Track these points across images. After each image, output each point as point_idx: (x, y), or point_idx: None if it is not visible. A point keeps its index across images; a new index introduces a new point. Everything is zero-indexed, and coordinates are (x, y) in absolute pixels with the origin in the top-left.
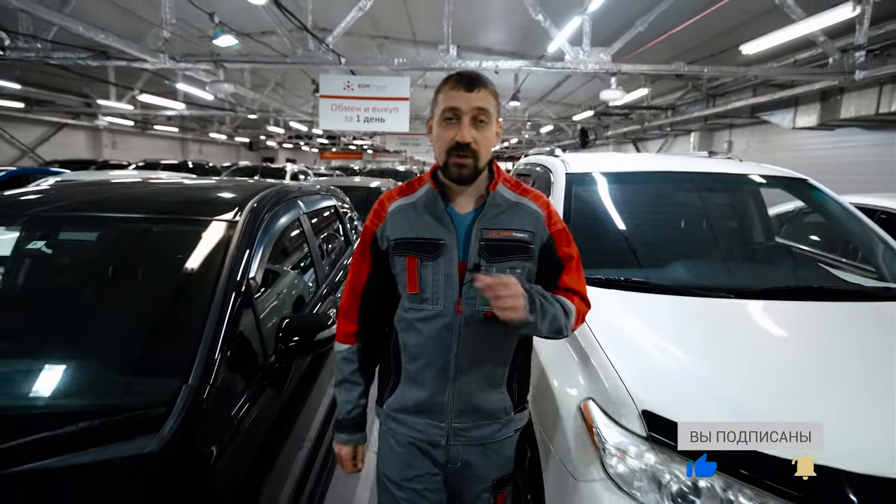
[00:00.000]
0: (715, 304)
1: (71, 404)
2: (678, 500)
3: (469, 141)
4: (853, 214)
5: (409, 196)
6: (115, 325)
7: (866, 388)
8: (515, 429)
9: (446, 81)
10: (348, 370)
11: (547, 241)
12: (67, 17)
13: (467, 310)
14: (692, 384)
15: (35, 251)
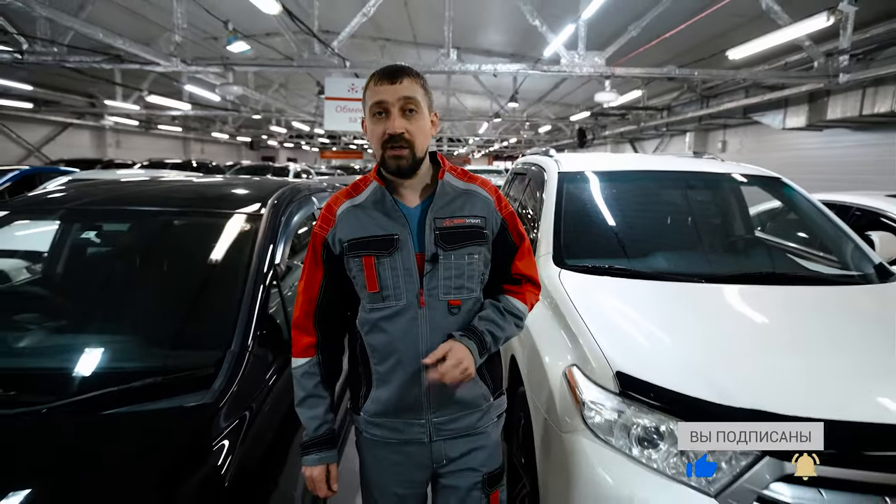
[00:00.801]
0: (687, 287)
1: (143, 366)
2: (644, 443)
3: (401, 131)
4: (820, 210)
5: (355, 197)
6: (172, 302)
7: (810, 351)
8: (497, 414)
9: (370, 78)
10: (310, 384)
11: (501, 225)
12: (87, 24)
13: (430, 300)
14: (659, 351)
15: (98, 240)
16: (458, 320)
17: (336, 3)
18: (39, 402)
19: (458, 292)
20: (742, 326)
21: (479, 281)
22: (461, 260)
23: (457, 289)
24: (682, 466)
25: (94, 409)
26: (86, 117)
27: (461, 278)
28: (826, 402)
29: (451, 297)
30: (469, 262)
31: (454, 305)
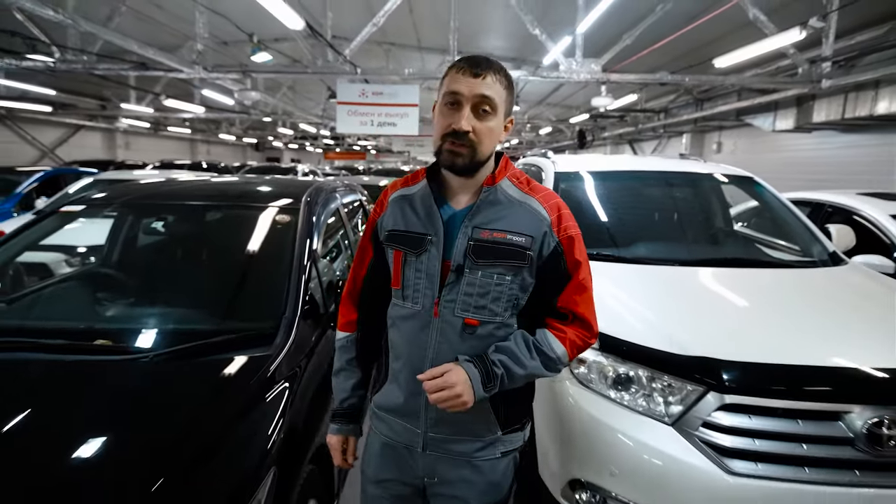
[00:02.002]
0: (663, 269)
1: (222, 328)
2: (617, 386)
3: (467, 129)
4: (786, 206)
5: (410, 187)
6: (239, 279)
7: (759, 314)
8: (503, 451)
9: (454, 65)
10: (345, 359)
11: (554, 248)
12: (123, 36)
13: (445, 313)
14: (633, 317)
15: (171, 230)
16: (472, 342)
17: (343, 9)
18: (148, 351)
19: (477, 312)
20: (706, 298)
21: (510, 306)
22: (489, 279)
23: (477, 308)
24: (647, 403)
25: (190, 356)
26: (98, 119)
27: (485, 298)
28: (758, 350)
29: (469, 316)
30: (498, 283)
31: (470, 325)
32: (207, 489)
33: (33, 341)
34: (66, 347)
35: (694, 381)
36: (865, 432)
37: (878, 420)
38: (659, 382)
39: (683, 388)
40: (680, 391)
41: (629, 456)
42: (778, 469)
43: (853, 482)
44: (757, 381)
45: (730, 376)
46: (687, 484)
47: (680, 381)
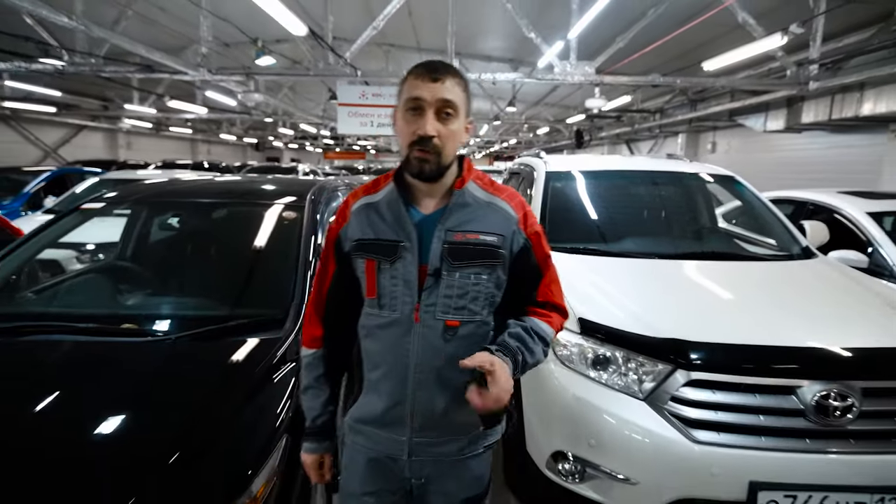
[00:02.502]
0: (644, 261)
1: (237, 313)
2: (596, 366)
3: (432, 134)
4: (763, 203)
5: (373, 195)
6: (251, 268)
7: (730, 301)
8: (486, 445)
9: (411, 71)
10: (313, 376)
11: (523, 245)
12: (131, 41)
13: (426, 317)
14: (612, 303)
15: (186, 224)
16: (454, 343)
17: (343, 11)
18: (171, 334)
19: (457, 313)
20: (681, 287)
21: (487, 304)
22: (466, 279)
23: (457, 309)
24: (622, 381)
25: (208, 338)
26: (100, 120)
27: (463, 299)
28: (722, 331)
29: (450, 318)
30: (475, 283)
31: (451, 326)
32: (228, 452)
33: (67, 325)
34: (96, 331)
35: (664, 360)
36: (814, 404)
37: (825, 393)
38: (633, 362)
39: (655, 367)
40: (652, 369)
41: (606, 428)
42: (737, 438)
43: (803, 449)
44: (719, 360)
45: (695, 355)
46: (656, 452)
47: (652, 360)
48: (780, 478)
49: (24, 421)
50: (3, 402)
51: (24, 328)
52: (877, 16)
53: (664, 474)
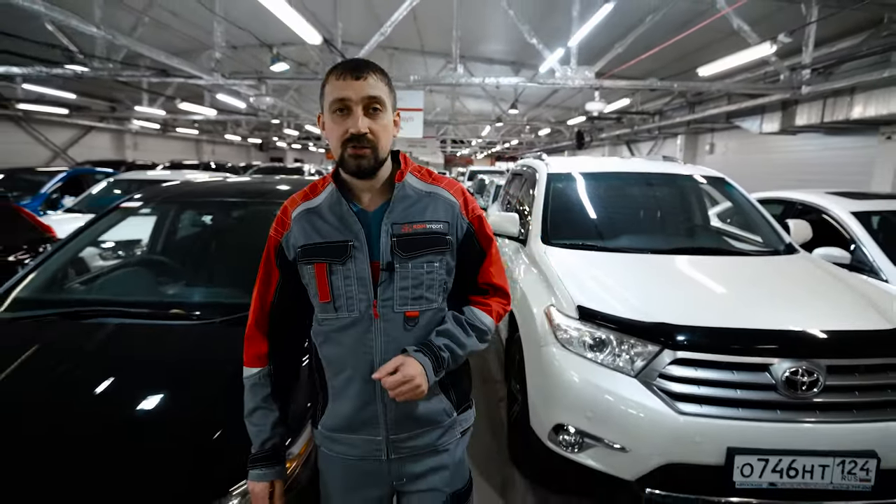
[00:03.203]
0: (636, 256)
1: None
2: (593, 349)
3: (364, 131)
4: (750, 202)
5: (312, 199)
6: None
7: (715, 290)
8: (462, 430)
9: (332, 71)
10: (260, 396)
11: (466, 230)
12: (151, 48)
13: (385, 312)
14: (607, 292)
15: (210, 221)
16: (415, 333)
17: (350, 16)
18: (214, 318)
19: (415, 303)
20: (671, 278)
21: (441, 290)
22: (419, 269)
23: (414, 300)
24: (616, 360)
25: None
26: (108, 121)
27: (419, 288)
28: (704, 316)
29: (408, 309)
30: (428, 272)
31: (411, 317)
32: None
33: (123, 310)
34: (149, 315)
35: (653, 341)
36: (784, 380)
37: (794, 370)
38: (626, 344)
39: (645, 348)
40: (642, 350)
41: (602, 402)
42: (717, 409)
43: (775, 419)
44: (701, 341)
45: (680, 337)
46: (646, 423)
47: (642, 342)
48: (754, 444)
49: (95, 390)
50: (80, 374)
51: (85, 313)
52: (868, 22)
53: (653, 442)
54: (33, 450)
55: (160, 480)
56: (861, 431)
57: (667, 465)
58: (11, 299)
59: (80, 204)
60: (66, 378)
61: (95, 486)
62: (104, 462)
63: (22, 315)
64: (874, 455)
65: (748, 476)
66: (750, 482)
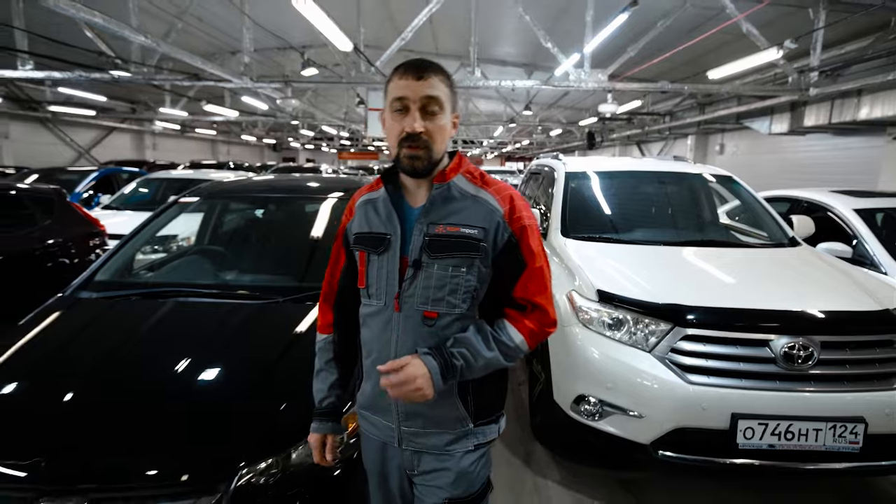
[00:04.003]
0: (649, 247)
1: (303, 285)
2: (611, 327)
3: (419, 131)
4: (757, 200)
5: (374, 192)
6: (315, 250)
7: (721, 276)
8: (476, 444)
9: (396, 70)
10: (324, 360)
11: (508, 239)
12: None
13: (406, 307)
14: (623, 278)
15: (266, 215)
16: (432, 333)
17: (368, 20)
18: (278, 297)
19: (435, 304)
20: (681, 266)
21: (468, 297)
22: (445, 271)
23: (435, 301)
24: (632, 337)
25: (303, 301)
26: (129, 122)
27: (442, 290)
28: (711, 298)
29: (428, 308)
30: (454, 275)
31: (429, 317)
32: None
33: (195, 290)
34: (221, 295)
35: (665, 320)
36: (783, 354)
37: (792, 345)
38: (641, 323)
39: (658, 326)
40: (655, 328)
41: (619, 374)
42: (722, 380)
43: (774, 388)
44: (708, 319)
45: (689, 316)
46: (659, 392)
47: (655, 321)
48: (755, 410)
49: (189, 351)
50: (174, 340)
51: (165, 293)
52: (875, 25)
53: (665, 409)
54: (138, 400)
55: (247, 423)
56: (851, 400)
57: (677, 430)
58: (95, 281)
59: (116, 201)
60: (162, 344)
61: (189, 423)
62: (194, 407)
63: (106, 295)
64: (862, 420)
65: (750, 438)
66: (751, 444)
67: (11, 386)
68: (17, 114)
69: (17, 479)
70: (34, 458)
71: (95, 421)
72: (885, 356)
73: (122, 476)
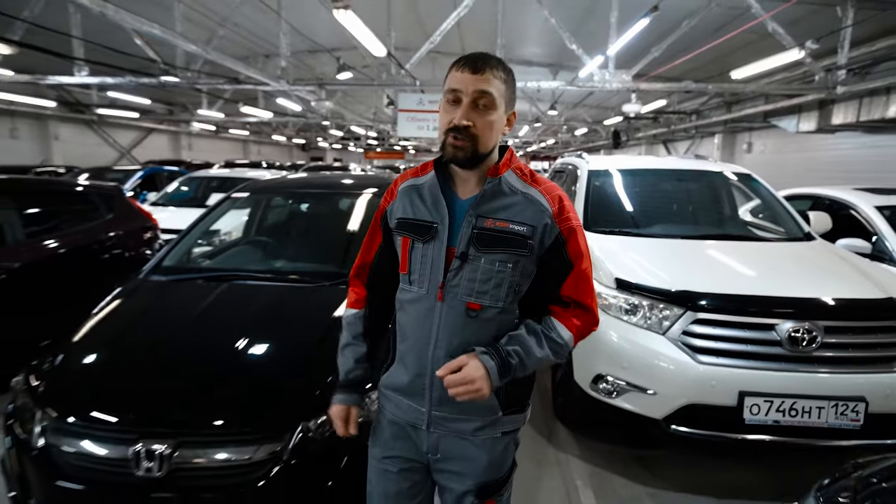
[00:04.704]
0: (667, 240)
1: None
2: (628, 313)
3: (466, 124)
4: (775, 196)
5: (419, 177)
6: (347, 240)
7: (735, 266)
8: (504, 431)
9: (455, 62)
10: (352, 334)
11: (556, 238)
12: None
13: (449, 298)
14: (642, 269)
15: (310, 209)
16: (474, 325)
17: (397, 22)
18: (325, 281)
19: (479, 297)
20: (695, 257)
21: (511, 292)
22: (491, 265)
23: (479, 294)
24: (647, 321)
25: (338, 284)
26: (166, 123)
27: (486, 284)
28: (721, 285)
29: (471, 300)
30: (500, 270)
31: (472, 309)
32: None
33: (251, 274)
34: (274, 278)
35: (678, 305)
36: (788, 337)
37: (797, 329)
38: (656, 308)
39: (671, 311)
40: (669, 313)
41: (635, 355)
42: (731, 360)
43: (779, 368)
44: (718, 304)
45: (701, 302)
46: (672, 371)
47: (669, 306)
48: (761, 388)
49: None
50: (233, 317)
51: (226, 276)
52: None
53: (677, 386)
54: (213, 362)
55: (302, 389)
56: (853, 380)
57: (688, 406)
58: (163, 266)
59: (162, 198)
60: (226, 318)
61: (257, 383)
62: (261, 370)
63: (174, 278)
64: (863, 400)
65: (756, 414)
66: (757, 420)
67: (110, 349)
68: (66, 116)
69: (123, 424)
70: (136, 407)
71: (179, 378)
72: (887, 341)
73: (206, 422)
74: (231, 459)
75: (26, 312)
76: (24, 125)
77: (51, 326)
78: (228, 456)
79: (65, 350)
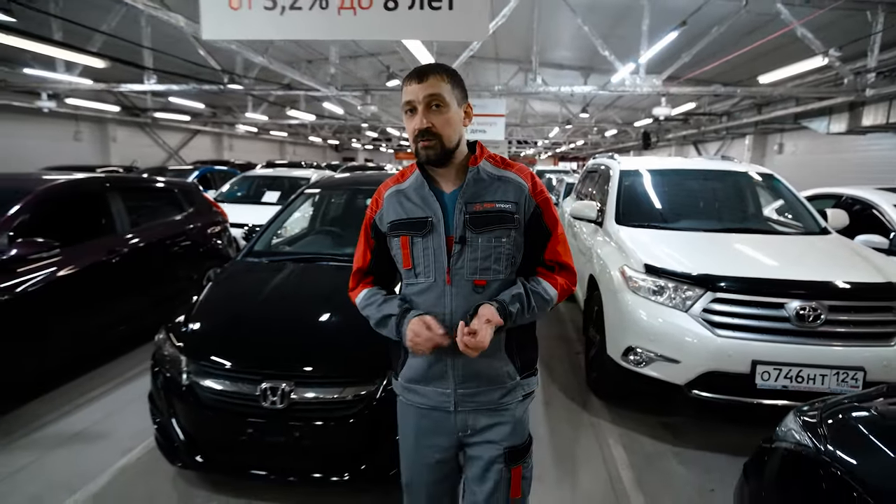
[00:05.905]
0: (693, 233)
1: None
2: (655, 294)
3: (427, 126)
4: (794, 195)
5: (401, 183)
6: None
7: (753, 255)
8: (525, 394)
9: (404, 79)
10: (377, 301)
11: (534, 210)
12: (294, 69)
13: (456, 279)
14: (668, 257)
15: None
16: (482, 299)
17: None
18: None
19: (484, 273)
20: (717, 247)
21: (509, 263)
22: (489, 243)
23: (483, 270)
24: (672, 301)
25: None
26: (210, 125)
27: (488, 260)
28: (738, 269)
29: (477, 278)
30: (496, 245)
31: (479, 285)
32: None
33: (329, 256)
34: (348, 260)
35: (699, 286)
36: (796, 314)
37: (803, 307)
38: (679, 289)
39: (693, 291)
40: (691, 293)
41: (661, 329)
42: (745, 334)
43: (788, 341)
44: (735, 286)
45: (719, 283)
46: (693, 343)
47: (691, 287)
48: (771, 358)
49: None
50: (319, 290)
51: (308, 258)
52: None
53: (697, 356)
54: (312, 324)
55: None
56: (853, 353)
57: (708, 373)
58: (254, 251)
59: (220, 196)
60: (312, 290)
61: (348, 340)
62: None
63: (267, 260)
64: (862, 369)
65: (766, 380)
66: (768, 385)
67: (231, 313)
68: (123, 119)
69: (252, 368)
70: (260, 355)
71: (289, 335)
72: (885, 319)
73: (316, 367)
74: (334, 397)
75: (131, 291)
76: (87, 128)
77: (150, 302)
78: (332, 395)
79: (196, 313)
